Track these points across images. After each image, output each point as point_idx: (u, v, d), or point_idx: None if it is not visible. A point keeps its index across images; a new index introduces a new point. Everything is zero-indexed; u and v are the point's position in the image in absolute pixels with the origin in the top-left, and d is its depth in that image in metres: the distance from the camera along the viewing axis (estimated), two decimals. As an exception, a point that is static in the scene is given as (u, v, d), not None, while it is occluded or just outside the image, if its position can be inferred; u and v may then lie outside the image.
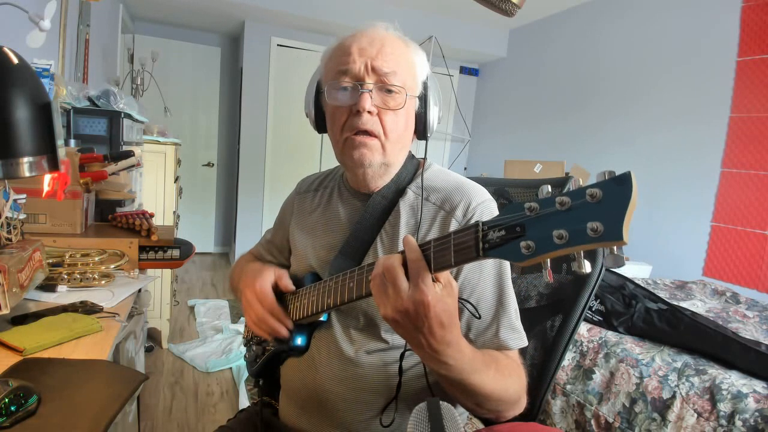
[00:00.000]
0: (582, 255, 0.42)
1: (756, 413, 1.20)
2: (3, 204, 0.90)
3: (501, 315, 0.72)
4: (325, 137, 0.84)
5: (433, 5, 4.00)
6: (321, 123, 0.83)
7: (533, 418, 0.87)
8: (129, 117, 1.94)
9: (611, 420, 1.48)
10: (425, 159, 0.83)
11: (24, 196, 0.97)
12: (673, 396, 1.36)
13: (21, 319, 0.86)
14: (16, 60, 0.73)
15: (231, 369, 2.42)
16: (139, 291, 1.24)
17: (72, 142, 1.68)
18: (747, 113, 2.56)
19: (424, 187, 0.78)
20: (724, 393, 1.27)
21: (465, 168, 4.91)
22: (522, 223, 0.44)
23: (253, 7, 3.73)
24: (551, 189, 0.44)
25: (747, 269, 2.52)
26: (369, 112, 0.73)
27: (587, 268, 0.43)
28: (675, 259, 2.84)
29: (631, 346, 1.55)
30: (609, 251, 0.41)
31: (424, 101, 0.79)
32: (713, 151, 2.70)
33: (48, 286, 1.04)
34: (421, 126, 0.80)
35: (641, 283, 1.92)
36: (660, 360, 1.45)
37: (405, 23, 0.80)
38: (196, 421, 1.98)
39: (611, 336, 1.62)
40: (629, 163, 3.20)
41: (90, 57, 2.58)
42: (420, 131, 0.80)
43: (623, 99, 3.29)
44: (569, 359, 1.66)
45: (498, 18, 3.73)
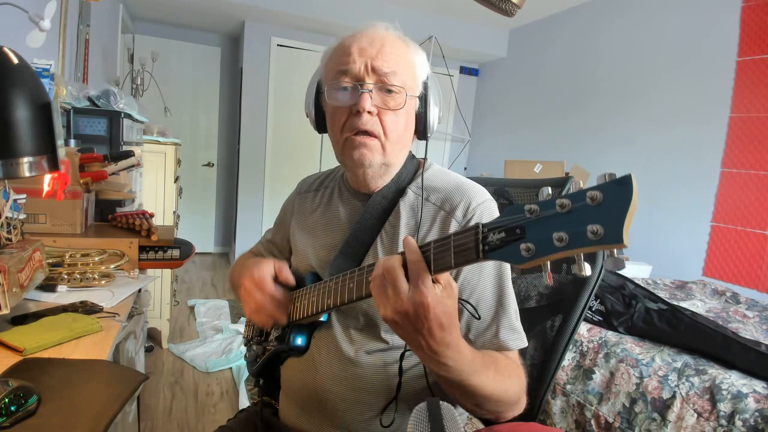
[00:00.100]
0: (582, 257, 0.42)
1: (756, 413, 1.20)
2: (3, 204, 0.90)
3: (501, 316, 0.72)
4: (325, 137, 0.84)
5: (433, 5, 4.00)
6: (321, 123, 0.83)
7: (533, 418, 0.87)
8: (129, 117, 1.93)
9: (611, 420, 1.48)
10: (425, 159, 0.83)
11: (24, 196, 0.97)
12: (673, 396, 1.36)
13: (21, 319, 0.86)
14: (16, 60, 0.73)
15: (231, 369, 2.42)
16: (139, 291, 1.25)
17: (72, 142, 1.68)
18: (747, 113, 2.56)
19: (424, 188, 0.78)
20: (724, 393, 1.27)
21: (465, 168, 4.91)
22: (522, 225, 0.44)
23: (253, 7, 3.73)
24: (551, 191, 0.44)
25: (747, 269, 2.52)
26: (369, 112, 0.73)
27: (587, 270, 0.42)
28: (675, 259, 2.84)
29: (631, 346, 1.55)
30: (609, 254, 0.41)
31: (424, 101, 0.79)
32: (713, 151, 2.70)
33: (48, 286, 1.04)
34: (422, 126, 0.80)
35: (641, 283, 1.93)
36: (660, 360, 1.45)
37: (405, 23, 0.80)
38: (196, 421, 1.98)
39: (611, 336, 1.62)
40: (629, 163, 3.20)
41: (90, 57, 2.58)
42: (420, 131, 0.80)
43: (623, 99, 3.29)
44: (569, 359, 1.66)
45: (498, 18, 3.73)
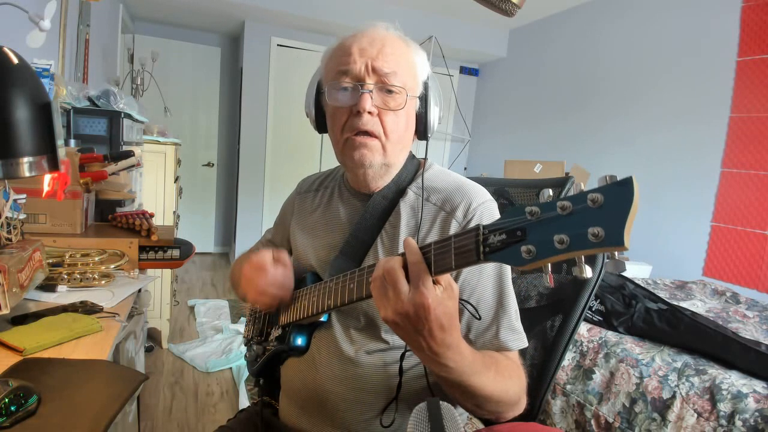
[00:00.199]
0: (583, 259, 0.42)
1: (756, 413, 1.20)
2: (3, 204, 0.90)
3: (501, 316, 0.72)
4: (325, 137, 0.84)
5: (433, 5, 4.00)
6: (321, 123, 0.83)
7: (533, 418, 0.87)
8: (129, 117, 1.93)
9: (611, 420, 1.48)
10: (426, 159, 0.83)
11: (24, 196, 0.97)
12: (673, 396, 1.36)
13: (21, 319, 0.86)
14: (16, 60, 0.73)
15: (231, 369, 2.42)
16: (139, 291, 1.25)
17: (72, 142, 1.68)
18: (747, 113, 2.56)
19: (424, 188, 0.78)
20: (724, 393, 1.27)
21: (465, 168, 4.91)
22: (523, 227, 0.44)
23: (253, 7, 3.73)
24: (552, 192, 0.44)
25: (747, 269, 2.52)
26: (369, 112, 0.73)
27: (588, 273, 0.42)
28: (675, 259, 2.84)
29: (631, 346, 1.55)
30: (610, 256, 0.41)
31: (424, 101, 0.78)
32: (713, 151, 2.70)
33: (48, 286, 1.04)
34: (422, 126, 0.80)
35: (641, 283, 1.93)
36: (660, 360, 1.45)
37: (405, 23, 0.80)
38: (196, 421, 1.98)
39: (611, 336, 1.62)
40: (629, 163, 3.20)
41: (90, 57, 2.58)
42: (420, 131, 0.80)
43: (623, 99, 3.29)
44: (569, 359, 1.66)
45: (498, 18, 3.73)
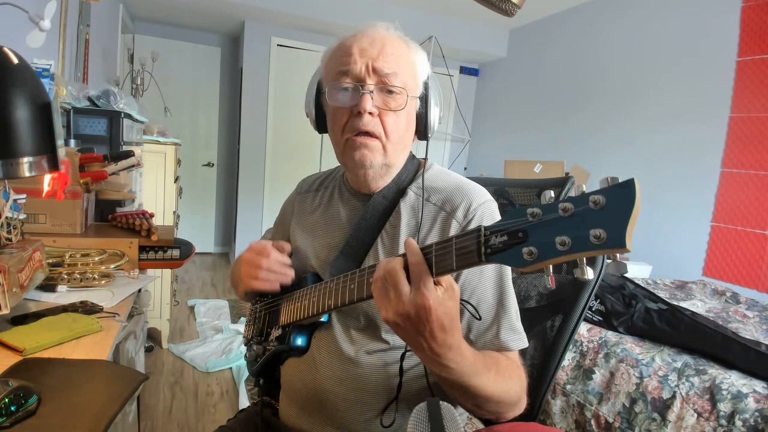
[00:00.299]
0: (584, 261, 0.42)
1: (756, 413, 1.20)
2: (3, 204, 0.90)
3: (501, 316, 0.72)
4: (325, 137, 0.84)
5: (433, 5, 4.00)
6: (321, 123, 0.83)
7: (533, 418, 0.87)
8: (129, 117, 1.93)
9: (611, 420, 1.48)
10: (426, 159, 0.83)
11: (24, 196, 0.97)
12: (673, 396, 1.36)
13: (21, 319, 0.86)
14: (16, 60, 0.73)
15: (231, 369, 2.42)
16: (139, 291, 1.24)
17: (72, 142, 1.68)
18: (747, 113, 2.56)
19: (424, 188, 0.78)
20: (724, 393, 1.27)
21: (465, 168, 4.91)
22: (524, 229, 0.44)
23: (253, 7, 3.73)
24: (553, 194, 0.43)
25: (747, 269, 2.52)
26: (370, 113, 0.73)
27: (589, 274, 0.42)
28: (675, 259, 2.84)
29: (631, 346, 1.55)
30: (611, 258, 0.41)
31: (424, 102, 0.78)
32: (713, 151, 2.70)
33: (48, 286, 1.04)
34: (422, 126, 0.80)
35: (641, 283, 1.93)
36: (660, 360, 1.45)
37: (405, 23, 0.79)
38: (196, 421, 1.98)
39: (611, 336, 1.62)
40: (629, 163, 3.20)
41: (90, 57, 2.58)
42: (421, 132, 0.80)
43: (623, 99, 3.29)
44: (569, 359, 1.66)
45: (498, 18, 3.73)
